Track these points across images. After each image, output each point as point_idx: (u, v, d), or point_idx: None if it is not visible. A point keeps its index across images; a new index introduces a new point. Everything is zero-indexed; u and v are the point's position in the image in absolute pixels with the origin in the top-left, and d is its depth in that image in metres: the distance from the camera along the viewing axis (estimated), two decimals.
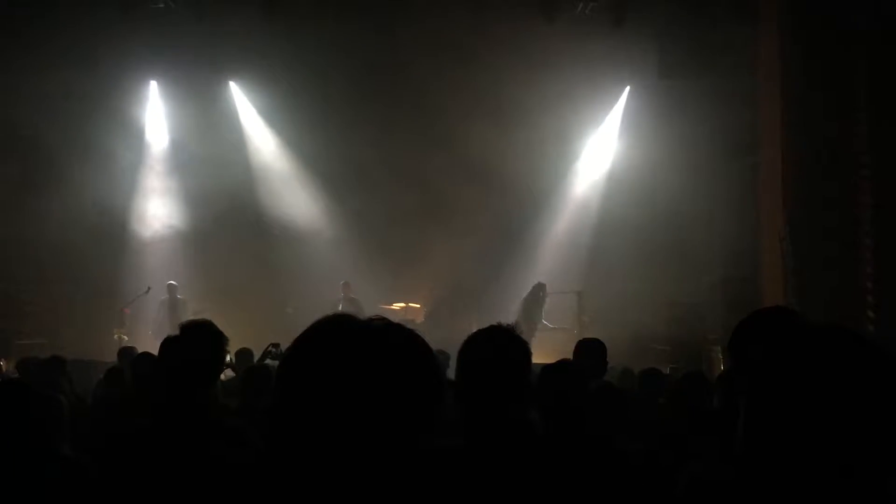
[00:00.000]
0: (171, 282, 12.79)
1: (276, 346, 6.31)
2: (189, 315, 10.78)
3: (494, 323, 2.27)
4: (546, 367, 3.07)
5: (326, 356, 1.16)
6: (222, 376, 3.77)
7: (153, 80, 13.94)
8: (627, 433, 3.45)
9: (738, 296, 11.31)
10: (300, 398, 1.14)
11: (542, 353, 10.17)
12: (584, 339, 5.03)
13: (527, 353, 2.23)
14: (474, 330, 2.36)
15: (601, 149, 14.02)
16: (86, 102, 12.76)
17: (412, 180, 12.76)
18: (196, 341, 2.76)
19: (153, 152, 14.10)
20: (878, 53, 9.88)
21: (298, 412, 1.14)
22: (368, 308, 11.51)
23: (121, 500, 2.35)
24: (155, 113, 14.11)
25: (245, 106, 14.28)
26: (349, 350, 1.15)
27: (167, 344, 2.81)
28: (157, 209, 13.86)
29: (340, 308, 11.81)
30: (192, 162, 13.61)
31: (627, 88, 13.76)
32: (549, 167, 13.62)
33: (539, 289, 12.37)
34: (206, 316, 3.56)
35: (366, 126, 13.25)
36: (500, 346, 2.20)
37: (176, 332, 2.85)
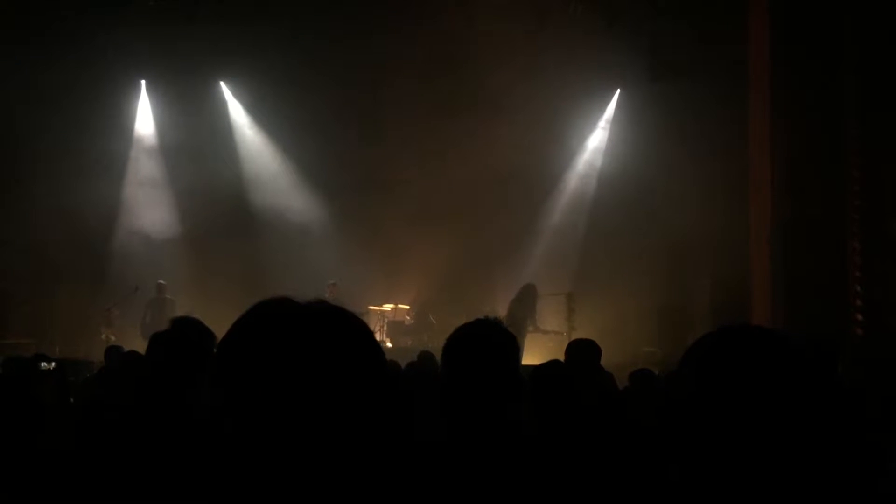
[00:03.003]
0: (161, 281, 12.72)
1: None
2: (177, 315, 10.70)
3: (481, 317, 2.22)
4: (537, 368, 3.04)
5: (263, 339, 1.13)
6: None
7: (143, 79, 13.89)
8: (618, 433, 3.43)
9: (728, 298, 11.32)
10: (236, 382, 1.11)
11: (531, 357, 10.19)
12: (577, 339, 4.99)
13: (515, 347, 2.16)
14: None
15: (592, 151, 14.03)
16: (74, 100, 12.68)
17: (403, 181, 12.74)
18: (184, 337, 2.72)
19: (142, 152, 14.03)
20: (869, 56, 9.91)
21: (235, 397, 1.11)
22: (356, 309, 11.45)
23: (99, 499, 2.31)
24: (144, 112, 14.05)
25: (235, 106, 14.24)
26: (286, 332, 1.12)
27: (155, 339, 2.78)
28: (146, 208, 13.79)
29: None
30: (182, 162, 13.56)
31: (618, 91, 13.79)
32: (540, 169, 13.61)
33: (528, 290, 12.31)
34: (195, 315, 3.52)
35: (356, 127, 13.25)
36: (486, 340, 2.13)
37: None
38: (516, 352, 2.16)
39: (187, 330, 2.75)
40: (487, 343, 2.13)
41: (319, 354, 1.11)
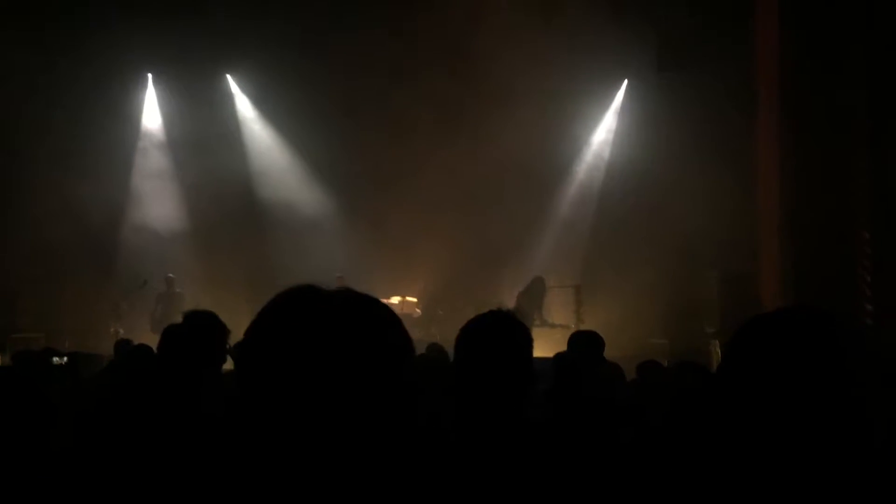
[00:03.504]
0: (170, 274, 12.76)
1: None
2: (186, 309, 10.73)
3: (493, 309, 2.20)
4: (553, 360, 3.04)
5: (294, 326, 1.11)
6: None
7: (149, 72, 13.90)
8: (625, 423, 3.43)
9: (736, 290, 11.29)
10: (264, 372, 1.10)
11: (537, 350, 10.18)
12: (579, 330, 5.01)
13: (528, 338, 2.15)
14: None
15: (600, 142, 13.99)
16: (80, 94, 12.70)
17: (410, 174, 12.74)
18: (198, 330, 2.73)
19: (148, 145, 14.05)
20: (879, 45, 9.85)
21: (262, 386, 1.09)
22: None
23: (107, 495, 2.32)
24: (151, 106, 14.07)
25: (242, 100, 14.25)
26: (318, 319, 1.11)
27: (168, 332, 2.79)
28: (154, 202, 13.82)
29: None
30: (189, 155, 13.58)
31: (626, 81, 13.74)
32: (547, 160, 13.58)
33: (537, 283, 12.31)
34: (204, 309, 3.52)
35: (363, 119, 13.23)
36: (501, 331, 2.11)
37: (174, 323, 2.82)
38: (529, 343, 2.15)
39: (201, 323, 2.76)
40: (502, 334, 2.11)
41: (354, 341, 1.10)
